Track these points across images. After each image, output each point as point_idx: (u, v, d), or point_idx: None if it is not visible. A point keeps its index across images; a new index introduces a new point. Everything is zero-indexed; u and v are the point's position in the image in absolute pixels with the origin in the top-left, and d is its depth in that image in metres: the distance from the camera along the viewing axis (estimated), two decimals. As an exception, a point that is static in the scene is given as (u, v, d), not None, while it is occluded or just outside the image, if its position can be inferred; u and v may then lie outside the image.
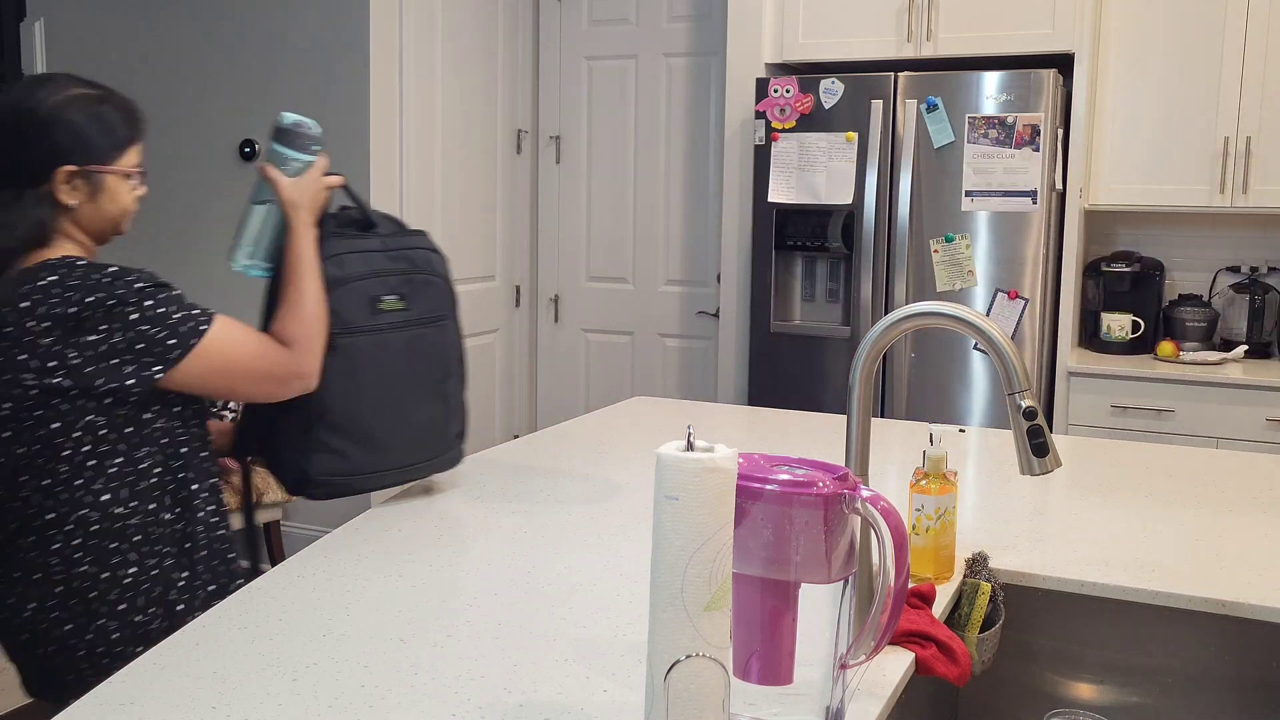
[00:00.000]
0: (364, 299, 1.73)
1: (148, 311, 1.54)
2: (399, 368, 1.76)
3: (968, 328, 1.27)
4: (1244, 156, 3.58)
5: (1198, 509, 1.89)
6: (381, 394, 1.75)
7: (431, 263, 1.82)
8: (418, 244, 1.82)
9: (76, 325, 1.51)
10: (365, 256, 1.75)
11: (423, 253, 1.82)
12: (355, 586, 1.46)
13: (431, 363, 1.81)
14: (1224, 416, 3.46)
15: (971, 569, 1.56)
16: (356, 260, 1.74)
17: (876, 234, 3.66)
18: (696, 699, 0.97)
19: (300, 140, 1.71)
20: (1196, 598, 1.50)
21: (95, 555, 1.59)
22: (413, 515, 1.78)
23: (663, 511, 0.97)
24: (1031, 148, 3.47)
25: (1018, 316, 3.55)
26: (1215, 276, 3.97)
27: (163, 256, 4.25)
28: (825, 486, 1.04)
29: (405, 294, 1.77)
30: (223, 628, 1.31)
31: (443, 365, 1.83)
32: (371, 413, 1.74)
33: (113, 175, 1.61)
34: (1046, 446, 1.28)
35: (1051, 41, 3.57)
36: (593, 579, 1.50)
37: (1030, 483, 2.04)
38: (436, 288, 1.82)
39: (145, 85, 4.21)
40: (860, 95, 3.64)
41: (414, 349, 1.78)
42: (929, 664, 1.30)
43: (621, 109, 4.54)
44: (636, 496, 1.91)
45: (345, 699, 1.14)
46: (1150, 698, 1.55)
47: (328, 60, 3.87)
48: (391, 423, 1.76)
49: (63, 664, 1.60)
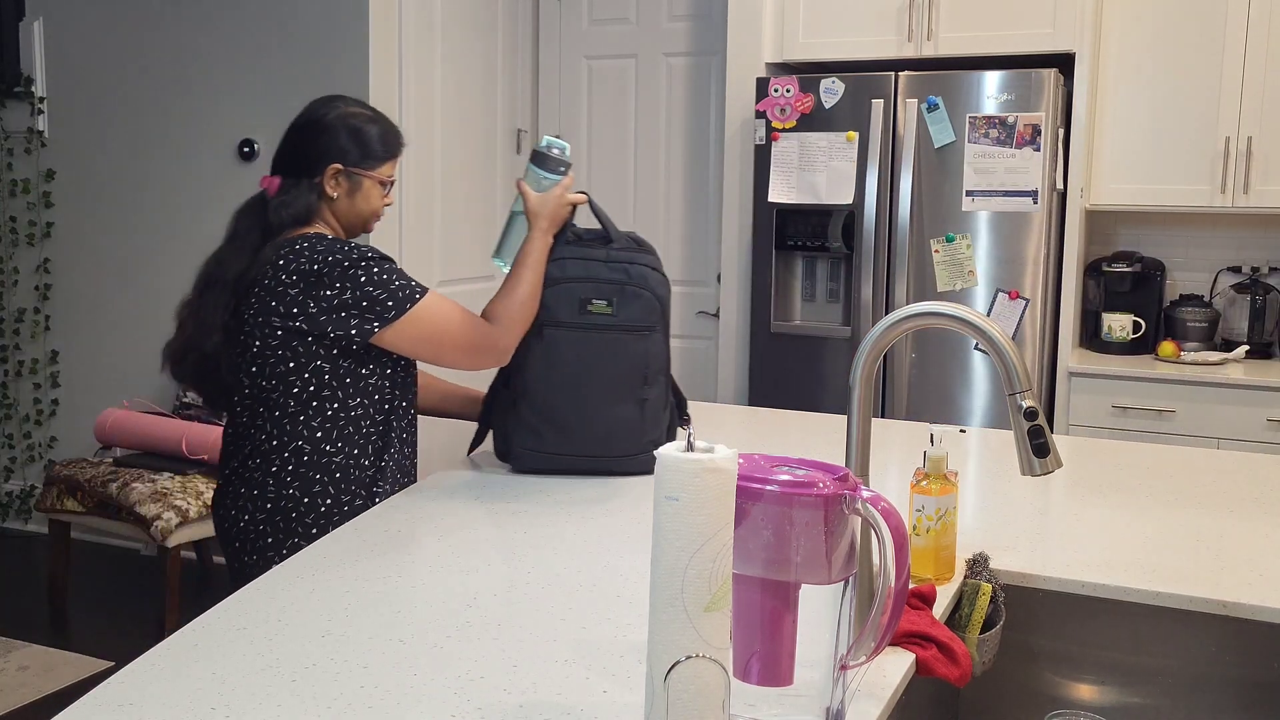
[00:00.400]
0: (574, 299, 1.96)
1: (375, 277, 1.85)
2: (597, 365, 1.96)
3: (968, 328, 1.27)
4: (1245, 156, 3.58)
5: (1198, 510, 1.88)
6: (577, 385, 1.95)
7: (646, 278, 1.99)
8: (640, 260, 2.00)
9: (317, 281, 1.84)
10: (586, 264, 1.98)
11: (640, 269, 1.99)
12: (355, 587, 1.46)
13: (630, 367, 1.97)
14: (1225, 417, 3.46)
15: (972, 570, 1.56)
16: (577, 265, 1.98)
17: (877, 234, 3.65)
18: (696, 700, 0.97)
19: (550, 162, 2.03)
20: (1197, 598, 1.49)
21: (301, 483, 1.90)
22: (413, 516, 1.77)
23: (663, 512, 0.96)
24: (1032, 147, 3.47)
25: (1018, 317, 3.55)
26: (1216, 277, 3.96)
27: (164, 255, 4.25)
28: (825, 487, 1.03)
29: (614, 301, 1.97)
30: (222, 628, 1.31)
31: (642, 372, 1.98)
32: (565, 400, 1.96)
33: (369, 179, 1.97)
34: (1047, 447, 1.28)
35: (1052, 41, 3.57)
36: (592, 580, 1.50)
37: (1031, 483, 2.04)
38: (645, 301, 1.98)
39: (144, 84, 4.21)
40: (861, 95, 3.64)
41: (614, 351, 1.96)
42: (929, 665, 1.29)
43: (621, 108, 4.54)
44: (637, 497, 1.90)
45: (344, 700, 1.14)
46: (1151, 698, 1.55)
47: (327, 59, 3.87)
48: (583, 414, 1.96)
49: (259, 573, 1.84)
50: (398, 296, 1.86)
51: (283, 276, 1.85)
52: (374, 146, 1.97)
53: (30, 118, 4.39)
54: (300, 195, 1.94)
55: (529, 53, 4.64)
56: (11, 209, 4.50)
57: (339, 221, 1.99)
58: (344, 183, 1.96)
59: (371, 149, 1.96)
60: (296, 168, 1.96)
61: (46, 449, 4.59)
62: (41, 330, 4.52)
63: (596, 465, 2.00)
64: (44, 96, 4.38)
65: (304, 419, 1.90)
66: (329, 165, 1.94)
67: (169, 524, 3.44)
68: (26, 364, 4.55)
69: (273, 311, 1.86)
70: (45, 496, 3.79)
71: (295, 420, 1.90)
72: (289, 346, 1.87)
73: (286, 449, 1.90)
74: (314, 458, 1.90)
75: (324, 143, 1.94)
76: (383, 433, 1.96)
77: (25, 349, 4.56)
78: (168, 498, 3.50)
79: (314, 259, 1.84)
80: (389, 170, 2.00)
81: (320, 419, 1.90)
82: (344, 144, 1.94)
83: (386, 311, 1.85)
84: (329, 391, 1.89)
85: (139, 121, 4.24)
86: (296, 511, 1.90)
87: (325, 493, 1.91)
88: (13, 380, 4.58)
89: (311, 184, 1.95)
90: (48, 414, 4.56)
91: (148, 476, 3.61)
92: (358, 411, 1.92)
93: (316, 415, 1.90)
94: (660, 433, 2.03)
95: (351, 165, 1.95)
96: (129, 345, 4.37)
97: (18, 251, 4.52)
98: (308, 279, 1.84)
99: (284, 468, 1.90)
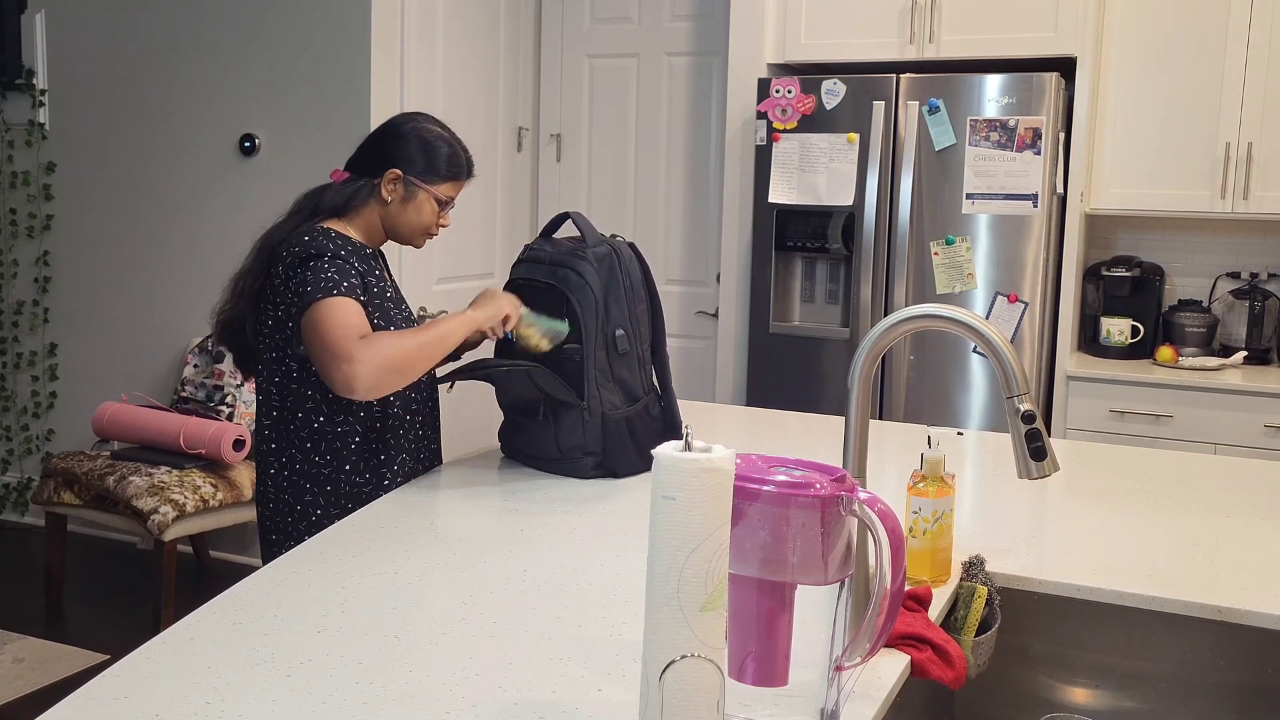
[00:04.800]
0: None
1: (317, 271, 1.87)
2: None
3: (967, 330, 1.27)
4: (1245, 162, 3.58)
5: (1195, 514, 1.89)
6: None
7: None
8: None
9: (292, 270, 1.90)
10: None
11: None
12: (350, 583, 1.46)
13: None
14: (1222, 422, 3.46)
15: (968, 572, 1.56)
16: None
17: (877, 235, 3.66)
18: (691, 699, 0.97)
19: (553, 328, 2.02)
20: (1192, 603, 1.50)
21: (293, 493, 1.99)
22: (408, 513, 1.77)
23: (660, 511, 0.96)
24: (1033, 151, 3.47)
25: (1017, 320, 3.55)
26: (1215, 282, 3.97)
27: (163, 250, 4.25)
28: (823, 488, 1.03)
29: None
30: (217, 623, 1.31)
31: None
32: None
33: (425, 192, 2.01)
34: (1044, 450, 1.28)
35: (1054, 45, 3.57)
36: (589, 578, 1.50)
37: (1028, 486, 2.04)
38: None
39: (145, 78, 4.21)
40: (862, 96, 3.64)
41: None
42: (924, 667, 1.29)
43: (623, 108, 4.54)
44: (634, 496, 1.90)
45: (339, 695, 1.14)
46: (1145, 702, 1.55)
47: (329, 56, 3.87)
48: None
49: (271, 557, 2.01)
50: (316, 290, 1.85)
51: (280, 268, 1.93)
52: (439, 163, 2.01)
53: (31, 110, 4.39)
54: (355, 190, 2.00)
55: (531, 51, 4.64)
56: (11, 201, 4.49)
57: (387, 226, 2.03)
58: (400, 189, 2.00)
59: (435, 165, 2.01)
60: (363, 166, 2.02)
61: (44, 441, 4.59)
62: (40, 323, 4.52)
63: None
64: (45, 89, 4.38)
65: (294, 428, 1.98)
66: (390, 169, 1.99)
67: (166, 518, 3.44)
68: (25, 356, 4.55)
69: (268, 300, 1.96)
70: (42, 489, 3.79)
71: (294, 422, 1.99)
72: (274, 339, 1.97)
73: (284, 454, 2.00)
74: (304, 469, 1.98)
75: (393, 148, 2.00)
76: (376, 451, 2.01)
77: (24, 341, 4.55)
78: (165, 491, 3.50)
79: (302, 250, 1.91)
80: (448, 190, 2.03)
81: (307, 431, 1.97)
82: (410, 153, 2.00)
83: (304, 302, 1.86)
84: (312, 405, 1.96)
85: (140, 115, 4.24)
86: (291, 518, 2.01)
87: (316, 504, 1.99)
88: (11, 373, 4.58)
89: (371, 184, 2.00)
90: (46, 406, 4.56)
91: (145, 470, 3.61)
92: (344, 429, 1.97)
93: (303, 427, 1.97)
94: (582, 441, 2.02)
95: (412, 174, 2.00)
96: (128, 339, 4.37)
97: (17, 244, 4.51)
98: (291, 273, 1.91)
99: (280, 473, 2.01)
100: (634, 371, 2.04)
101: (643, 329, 2.07)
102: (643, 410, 2.05)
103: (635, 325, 2.04)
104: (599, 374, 2.00)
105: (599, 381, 1.99)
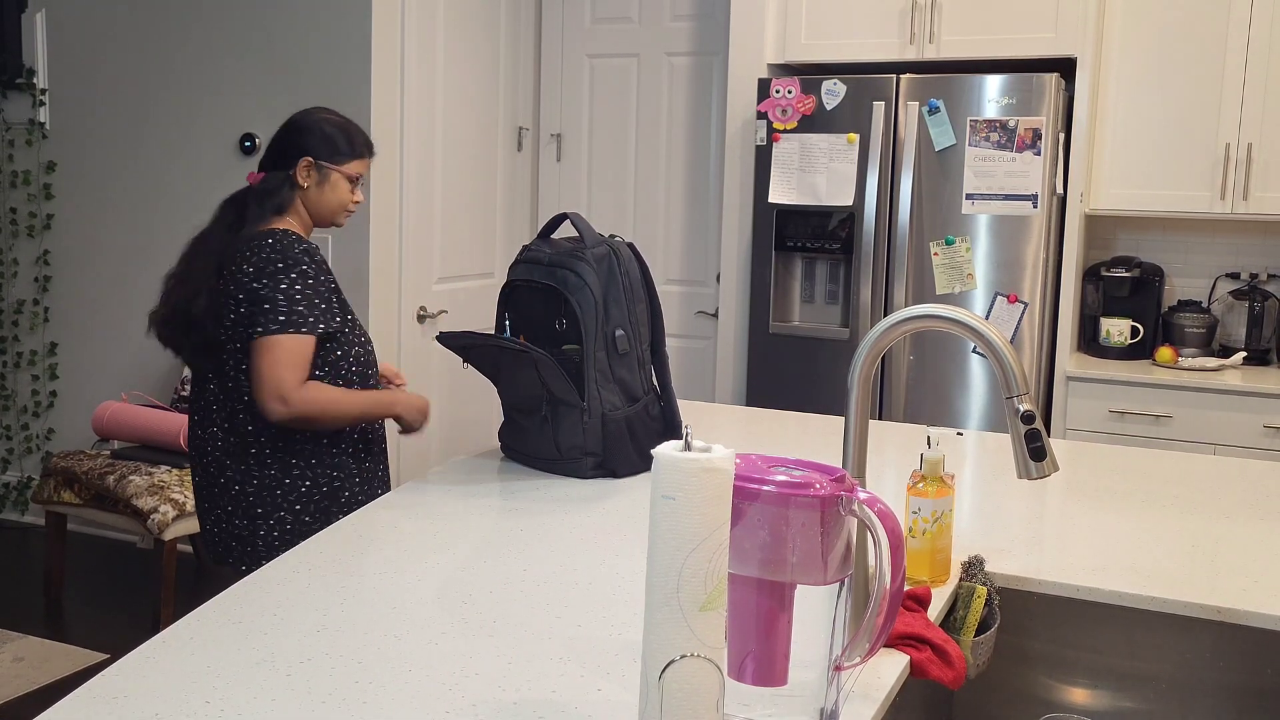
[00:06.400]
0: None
1: (289, 288, 2.05)
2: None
3: (967, 331, 1.27)
4: (1245, 163, 3.58)
5: (1194, 515, 1.89)
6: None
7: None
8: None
9: (260, 274, 2.06)
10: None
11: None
12: (350, 582, 1.46)
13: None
14: (1222, 423, 3.46)
15: (967, 572, 1.56)
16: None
17: (876, 236, 3.66)
18: (691, 699, 0.97)
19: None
20: (1192, 604, 1.50)
21: (249, 520, 2.14)
22: (408, 512, 1.77)
23: (659, 511, 0.96)
24: (1033, 151, 3.47)
25: (1017, 320, 3.55)
26: (1215, 283, 3.97)
27: (163, 250, 4.25)
28: (822, 488, 1.03)
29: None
30: (216, 622, 1.31)
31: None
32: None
33: (336, 172, 2.19)
34: (1044, 450, 1.28)
35: (1054, 45, 3.57)
36: (588, 578, 1.50)
37: (1027, 487, 2.04)
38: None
39: (146, 78, 4.21)
40: (862, 97, 3.64)
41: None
42: (924, 667, 1.30)
43: (623, 107, 4.54)
44: (633, 496, 1.90)
45: (339, 694, 1.14)
46: (1144, 703, 1.55)
47: (329, 55, 3.87)
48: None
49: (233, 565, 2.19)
50: (280, 317, 2.03)
51: (245, 266, 2.07)
52: (341, 144, 2.21)
53: (31, 109, 4.39)
54: (276, 185, 2.19)
55: (531, 50, 4.64)
56: (12, 200, 4.49)
57: (311, 212, 2.22)
58: (314, 174, 2.19)
59: (339, 146, 2.20)
60: (274, 162, 2.21)
61: (44, 441, 4.59)
62: (40, 322, 4.52)
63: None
64: (45, 88, 4.38)
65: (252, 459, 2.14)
66: (301, 158, 2.17)
67: (165, 517, 3.44)
68: (25, 356, 4.55)
69: (231, 295, 2.08)
70: (42, 488, 3.79)
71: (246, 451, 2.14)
72: (239, 330, 2.09)
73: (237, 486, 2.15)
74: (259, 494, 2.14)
75: (300, 140, 2.19)
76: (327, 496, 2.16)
77: (24, 340, 4.55)
78: (165, 491, 3.50)
79: (272, 255, 2.07)
80: (356, 168, 2.22)
81: (256, 465, 2.13)
82: (315, 141, 2.19)
83: (269, 324, 2.03)
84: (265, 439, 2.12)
85: (140, 114, 4.24)
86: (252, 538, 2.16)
87: (269, 527, 2.14)
88: (11, 372, 4.58)
89: (286, 175, 2.18)
90: (46, 406, 4.56)
91: (145, 469, 3.61)
92: (296, 473, 2.13)
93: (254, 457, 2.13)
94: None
95: (321, 159, 2.18)
96: (128, 338, 4.37)
97: (17, 243, 4.51)
98: (261, 271, 2.06)
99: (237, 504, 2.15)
100: (634, 372, 2.04)
101: (642, 329, 2.07)
102: (642, 410, 2.05)
103: (635, 325, 2.04)
104: (599, 374, 2.00)
105: (599, 382, 2.00)
